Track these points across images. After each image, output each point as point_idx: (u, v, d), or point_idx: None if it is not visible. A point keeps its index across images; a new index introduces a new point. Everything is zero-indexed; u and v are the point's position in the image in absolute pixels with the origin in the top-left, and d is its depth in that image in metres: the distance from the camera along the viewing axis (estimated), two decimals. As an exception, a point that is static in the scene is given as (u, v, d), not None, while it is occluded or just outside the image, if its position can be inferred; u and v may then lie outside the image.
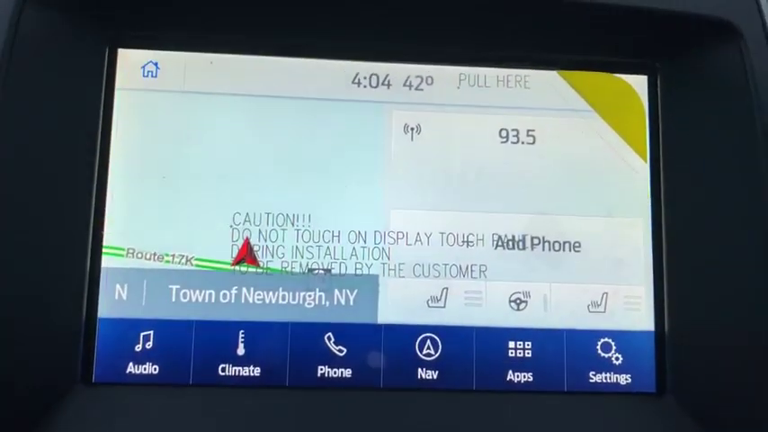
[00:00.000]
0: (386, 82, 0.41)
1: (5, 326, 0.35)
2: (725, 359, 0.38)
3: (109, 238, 0.39)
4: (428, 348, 0.39)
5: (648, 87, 0.43)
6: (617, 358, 0.40)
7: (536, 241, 0.40)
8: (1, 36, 0.37)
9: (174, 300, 0.39)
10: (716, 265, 0.39)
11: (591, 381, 0.40)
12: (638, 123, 0.42)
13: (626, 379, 0.40)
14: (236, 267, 0.39)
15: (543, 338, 0.40)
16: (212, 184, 0.40)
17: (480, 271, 0.40)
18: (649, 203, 0.41)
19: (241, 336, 0.39)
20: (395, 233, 0.40)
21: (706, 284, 0.39)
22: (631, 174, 0.41)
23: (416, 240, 0.40)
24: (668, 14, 0.40)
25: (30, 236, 0.37)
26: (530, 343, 0.39)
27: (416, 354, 0.39)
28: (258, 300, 0.39)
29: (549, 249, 0.40)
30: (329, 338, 0.39)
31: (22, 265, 0.36)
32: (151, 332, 0.38)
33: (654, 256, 0.41)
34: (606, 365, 0.40)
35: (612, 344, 0.40)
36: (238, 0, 0.40)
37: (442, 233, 0.40)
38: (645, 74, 0.43)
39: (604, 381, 0.40)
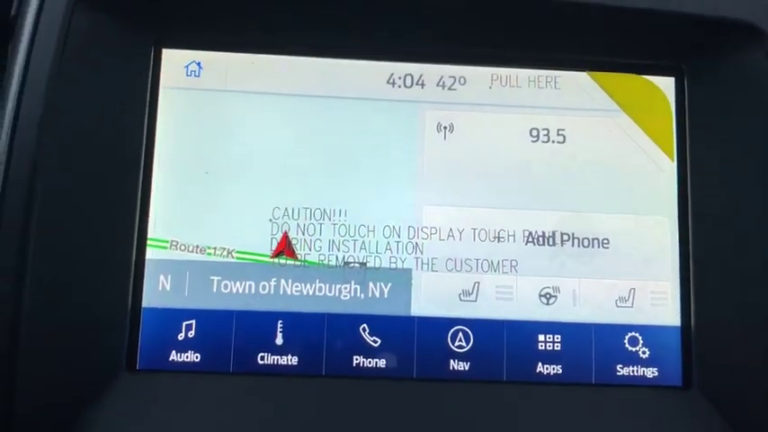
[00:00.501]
0: (420, 82, 0.43)
1: (56, 315, 0.37)
2: (751, 354, 0.39)
3: (153, 230, 0.40)
4: (460, 341, 0.40)
5: (675, 88, 0.44)
6: (644, 352, 0.41)
7: (566, 238, 0.41)
8: (53, 38, 0.39)
9: (215, 290, 0.40)
10: (742, 262, 0.40)
11: (618, 374, 0.41)
12: (665, 124, 0.43)
13: (653, 372, 0.41)
14: (275, 260, 0.41)
15: (572, 332, 0.41)
16: (253, 180, 0.41)
17: (511, 266, 0.41)
18: (676, 202, 0.42)
19: (279, 326, 0.40)
20: (428, 229, 0.41)
21: (732, 281, 0.40)
22: (659, 173, 0.42)
23: (449, 236, 0.41)
24: (694, 17, 0.42)
25: (78, 228, 0.38)
26: (559, 336, 0.41)
27: (449, 345, 0.40)
28: (296, 291, 0.40)
29: (579, 246, 0.41)
30: (364, 330, 0.40)
31: (70, 257, 0.38)
32: (193, 321, 0.40)
33: (680, 252, 0.42)
34: (633, 359, 0.41)
35: (640, 338, 0.41)
36: (278, 3, 0.41)
37: (474, 229, 0.41)
38: (672, 75, 0.44)
39: (632, 374, 0.41)
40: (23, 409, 0.36)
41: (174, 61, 0.42)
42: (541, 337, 0.41)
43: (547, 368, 0.40)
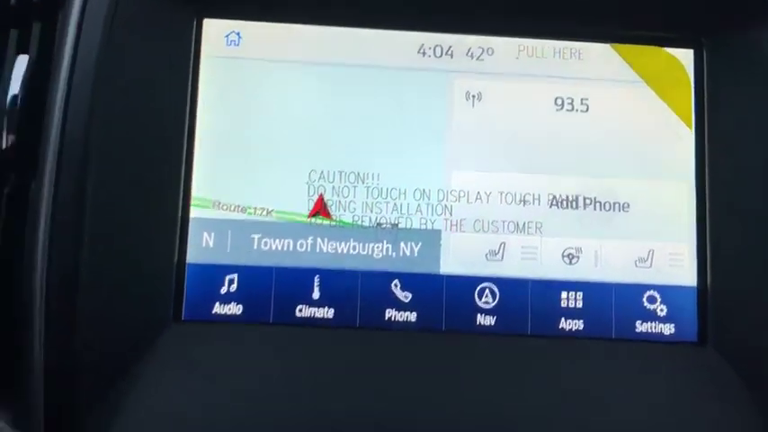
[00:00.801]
0: (449, 52, 0.45)
1: (109, 271, 0.40)
2: (763, 313, 0.41)
3: (197, 191, 0.43)
4: (486, 297, 0.43)
5: (695, 60, 0.45)
6: (661, 310, 0.43)
7: (588, 201, 0.43)
8: (104, 7, 0.41)
9: (255, 247, 0.43)
10: (756, 225, 0.42)
11: (637, 330, 0.43)
12: (684, 94, 0.45)
13: (669, 329, 0.43)
14: (312, 220, 0.43)
15: (593, 290, 0.43)
16: (290, 145, 0.43)
17: (536, 228, 0.43)
18: (694, 168, 0.44)
19: (316, 281, 0.42)
20: (456, 192, 0.43)
21: (747, 243, 0.42)
22: (677, 140, 0.44)
23: (477, 199, 0.43)
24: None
25: (128, 189, 0.41)
26: (581, 294, 0.43)
27: (475, 302, 0.43)
28: (331, 249, 0.43)
29: (600, 209, 0.43)
30: (396, 285, 0.43)
31: (122, 216, 0.41)
32: (235, 276, 0.42)
33: (698, 216, 0.43)
34: (651, 316, 0.43)
35: (657, 296, 0.43)
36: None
37: (501, 192, 0.43)
38: (690, 48, 0.45)
39: (649, 330, 0.43)
40: (83, 359, 0.38)
41: (214, 31, 0.44)
42: (564, 295, 0.43)
43: (569, 323, 0.42)
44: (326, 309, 0.42)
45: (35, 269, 0.39)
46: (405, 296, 0.42)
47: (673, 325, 0.43)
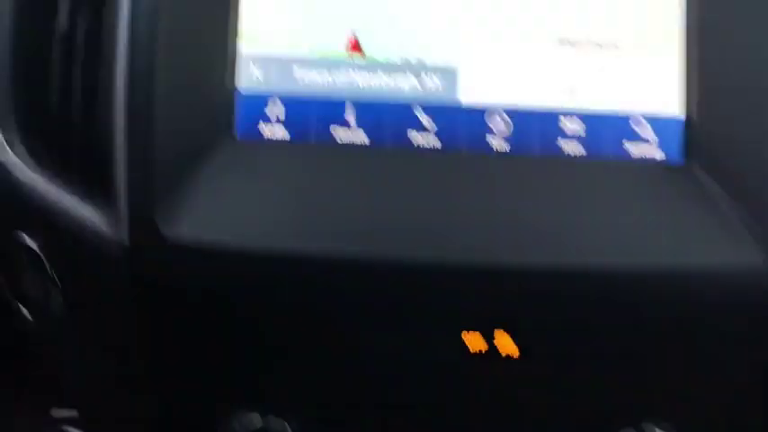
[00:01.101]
0: None
1: (176, 93, 0.46)
2: (741, 138, 0.47)
3: (246, 29, 0.49)
4: (500, 125, 0.49)
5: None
6: (654, 138, 0.49)
7: (588, 43, 0.49)
8: None
9: (298, 79, 0.49)
10: (740, 66, 0.48)
11: (630, 155, 0.49)
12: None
13: (660, 155, 0.49)
14: (347, 57, 0.49)
15: (592, 119, 0.49)
16: (331, -5, 0.49)
17: (542, 64, 0.49)
18: (684, 16, 0.49)
19: (351, 108, 0.48)
20: (472, 34, 0.49)
21: (728, 79, 0.48)
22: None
23: (491, 41, 0.49)
24: None
25: (189, 27, 0.47)
26: (581, 121, 0.49)
27: (490, 128, 0.49)
28: (363, 82, 0.49)
29: (599, 49, 0.49)
30: (420, 113, 0.49)
31: (183, 50, 0.47)
32: (279, 102, 0.49)
33: (687, 56, 0.49)
34: (644, 143, 0.49)
35: (649, 126, 0.49)
36: None
37: (512, 34, 0.49)
38: None
39: (642, 156, 0.49)
40: (157, 164, 0.45)
41: None
42: (566, 122, 0.48)
43: (570, 146, 0.48)
44: (360, 131, 0.48)
45: (115, 88, 0.45)
46: (428, 121, 0.49)
47: (663, 152, 0.49)
